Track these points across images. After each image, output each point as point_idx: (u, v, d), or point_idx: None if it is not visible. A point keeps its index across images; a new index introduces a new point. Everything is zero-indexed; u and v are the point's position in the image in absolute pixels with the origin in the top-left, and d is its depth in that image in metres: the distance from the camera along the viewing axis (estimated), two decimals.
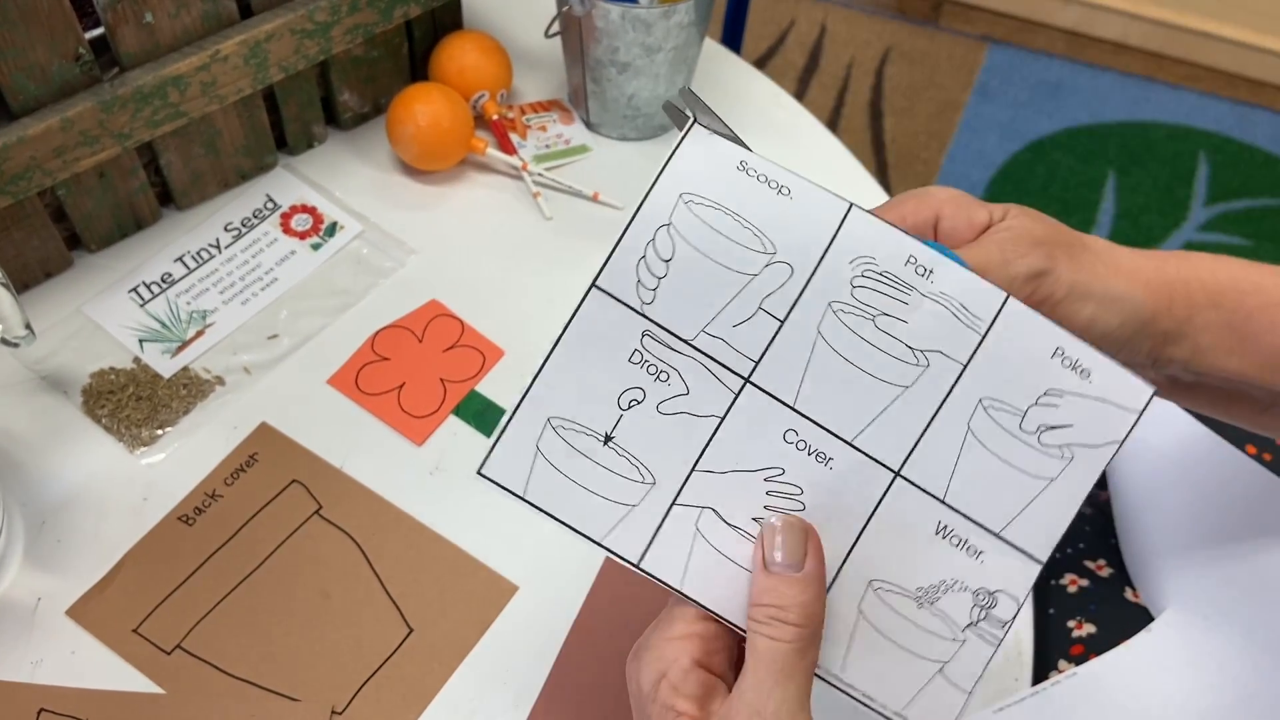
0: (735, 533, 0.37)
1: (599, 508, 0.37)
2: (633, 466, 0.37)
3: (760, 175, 0.37)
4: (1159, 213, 1.58)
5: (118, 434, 0.57)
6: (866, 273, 0.37)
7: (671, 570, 0.37)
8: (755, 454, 0.37)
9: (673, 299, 0.36)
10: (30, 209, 0.58)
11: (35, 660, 0.50)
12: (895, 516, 0.38)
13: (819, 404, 0.37)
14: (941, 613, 0.38)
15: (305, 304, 0.63)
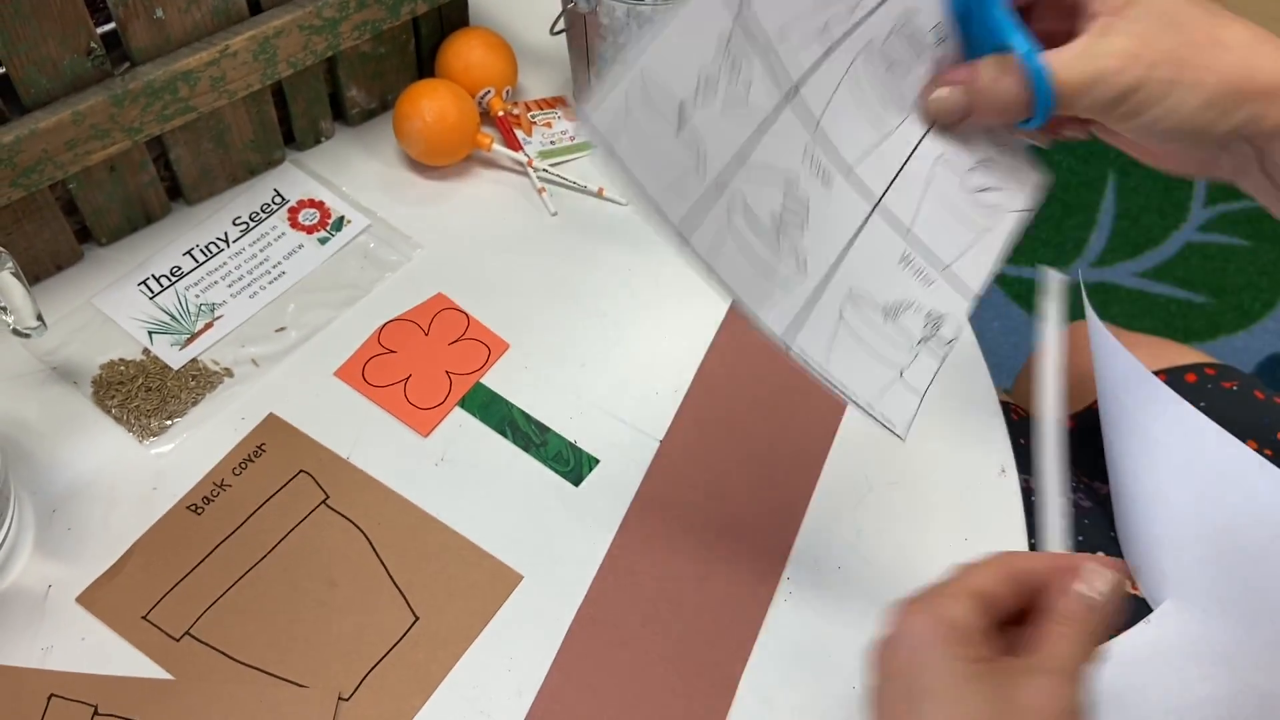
0: (757, 224, 0.40)
1: (672, 179, 0.38)
2: (696, 152, 0.38)
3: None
4: (1159, 213, 1.58)
5: (127, 424, 0.58)
6: (904, 26, 0.43)
7: (708, 247, 0.39)
8: (781, 163, 0.41)
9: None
10: (41, 202, 0.59)
11: (46, 646, 0.51)
12: (871, 241, 0.44)
13: (835, 128, 0.42)
14: (902, 327, 0.45)
15: (312, 297, 0.64)
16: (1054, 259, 1.53)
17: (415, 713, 0.50)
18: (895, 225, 0.44)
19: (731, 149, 0.39)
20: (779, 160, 0.41)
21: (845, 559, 0.56)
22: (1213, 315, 1.49)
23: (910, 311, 0.45)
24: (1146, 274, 1.52)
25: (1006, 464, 0.59)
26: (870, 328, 0.44)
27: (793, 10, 0.40)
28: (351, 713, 0.50)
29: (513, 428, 0.60)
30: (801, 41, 0.40)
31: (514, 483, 0.58)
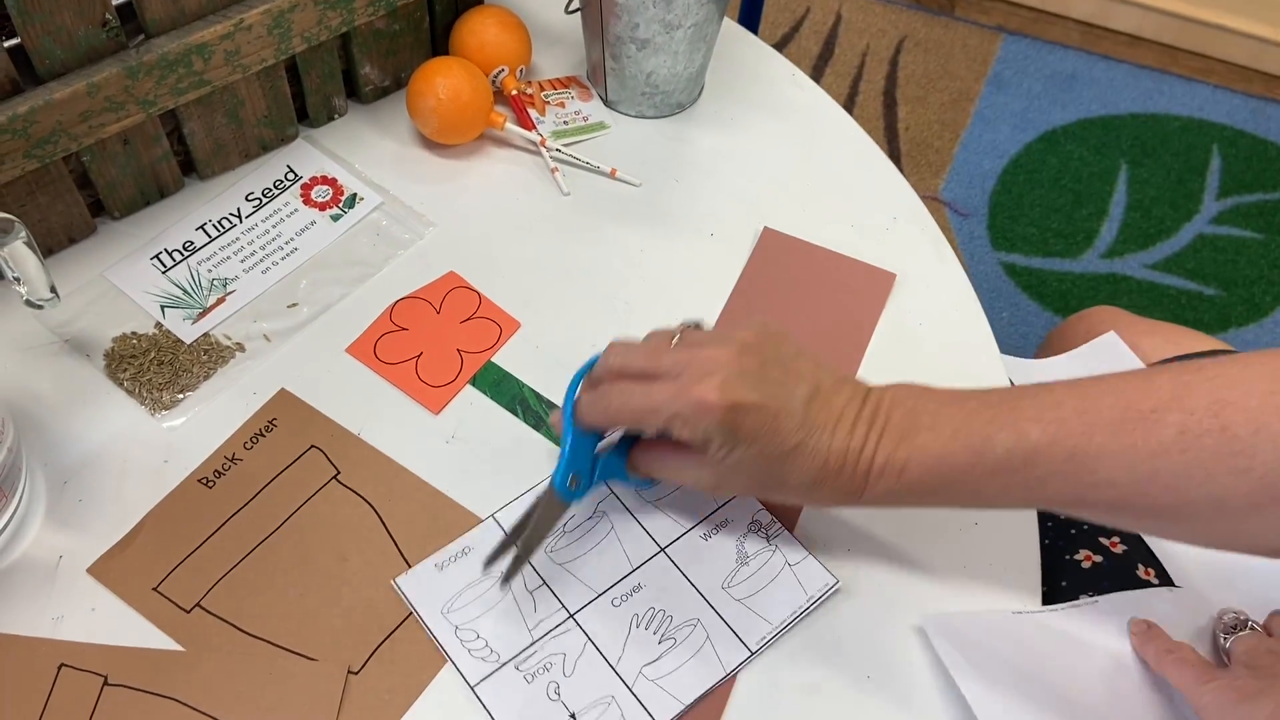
0: (664, 658, 0.51)
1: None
2: (594, 708, 0.50)
3: (449, 561, 0.54)
4: (1170, 205, 1.58)
5: (139, 397, 0.58)
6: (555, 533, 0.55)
7: (672, 707, 0.50)
8: (619, 629, 0.52)
9: (496, 639, 0.52)
10: (56, 174, 0.59)
11: (56, 616, 0.51)
12: (688, 558, 0.54)
13: (600, 578, 0.53)
14: (755, 553, 0.54)
15: (325, 274, 0.64)
16: (1064, 249, 1.52)
17: (424, 688, 0.50)
18: (681, 538, 0.55)
19: (606, 673, 0.51)
20: (620, 633, 0.52)
21: (854, 541, 0.56)
22: (1223, 308, 1.48)
23: (745, 541, 0.55)
24: (1157, 266, 1.52)
25: None
26: (751, 579, 0.54)
27: (516, 617, 0.52)
28: (361, 686, 0.50)
29: (524, 406, 0.60)
30: (537, 613, 0.52)
31: (524, 461, 0.58)
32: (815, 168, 0.72)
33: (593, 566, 0.53)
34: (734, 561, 0.54)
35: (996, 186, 1.58)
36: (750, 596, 0.53)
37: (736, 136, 0.73)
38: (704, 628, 0.52)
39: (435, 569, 0.53)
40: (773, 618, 0.52)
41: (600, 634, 0.52)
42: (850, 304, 0.65)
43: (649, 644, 0.51)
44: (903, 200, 0.70)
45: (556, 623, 0.52)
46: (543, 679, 0.50)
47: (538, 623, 0.52)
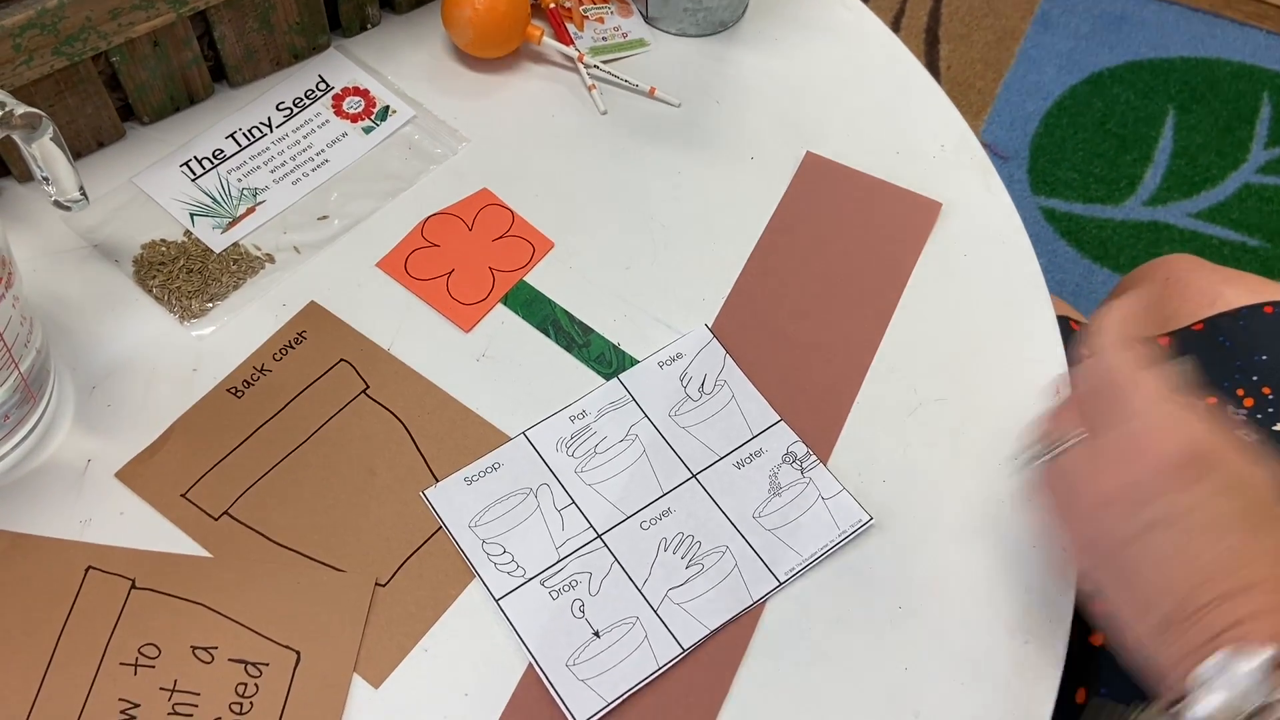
0: (691, 582, 0.51)
1: (633, 663, 0.49)
2: (618, 627, 0.49)
3: (476, 479, 0.53)
4: (1217, 153, 1.53)
5: (168, 305, 0.57)
6: (570, 443, 0.54)
7: (696, 631, 0.49)
8: (647, 550, 0.51)
9: (522, 556, 0.51)
10: (84, 74, 0.57)
11: (84, 519, 0.51)
12: (720, 486, 0.53)
13: (631, 500, 0.52)
14: (788, 484, 0.53)
15: (356, 187, 0.63)
16: (1106, 195, 1.49)
17: (451, 602, 0.50)
18: (712, 466, 0.54)
19: (631, 593, 0.50)
20: (648, 554, 0.51)
21: (890, 473, 0.55)
22: (1268, 260, 1.45)
23: (779, 472, 0.54)
24: (1201, 215, 1.48)
25: (1063, 384, 0.58)
26: (783, 510, 0.53)
27: (545, 536, 0.51)
28: (387, 598, 0.50)
29: (555, 327, 0.59)
30: (564, 531, 0.52)
31: (555, 382, 0.57)
32: (861, 92, 0.69)
33: (623, 488, 0.53)
34: (766, 491, 0.53)
35: (1039, 129, 1.54)
36: (781, 527, 0.52)
37: (780, 57, 0.70)
38: (732, 555, 0.51)
39: (464, 483, 0.52)
40: (803, 550, 0.52)
41: (627, 556, 0.51)
42: (893, 233, 0.63)
43: (676, 568, 0.51)
44: (950, 128, 0.68)
45: (584, 542, 0.51)
46: (567, 596, 0.49)
47: (565, 541, 0.51)
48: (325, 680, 0.47)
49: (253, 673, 0.47)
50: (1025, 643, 0.50)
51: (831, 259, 0.62)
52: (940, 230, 0.63)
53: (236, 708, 0.46)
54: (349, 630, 0.48)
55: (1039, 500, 0.48)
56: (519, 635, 0.49)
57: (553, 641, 0.48)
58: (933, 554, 0.52)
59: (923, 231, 0.63)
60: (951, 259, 0.62)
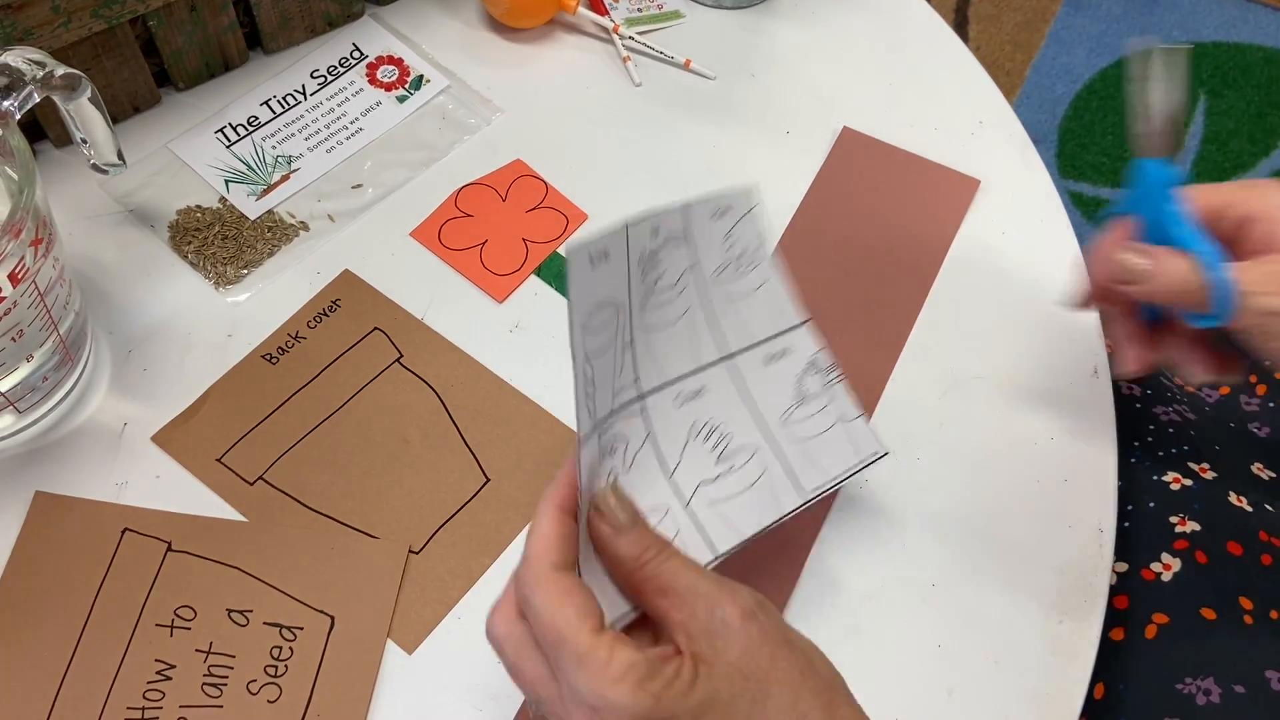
0: (722, 479, 0.46)
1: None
2: (648, 514, 0.41)
3: (598, 257, 0.40)
4: (1249, 139, 1.51)
5: (204, 270, 0.57)
6: (642, 264, 0.44)
7: (730, 536, 0.45)
8: (680, 431, 0.45)
9: (598, 395, 0.41)
10: (121, 38, 0.57)
11: (120, 482, 0.51)
12: (750, 378, 0.48)
13: (671, 366, 0.45)
14: (813, 395, 0.49)
15: (390, 156, 0.62)
16: None
17: (484, 570, 0.50)
18: (744, 351, 0.48)
19: (662, 481, 0.44)
20: (680, 437, 0.45)
21: (925, 450, 0.54)
22: None
23: (805, 380, 0.49)
24: None
25: (1100, 365, 0.57)
26: (809, 421, 0.48)
27: (611, 380, 0.42)
28: (421, 565, 0.50)
29: None
30: (622, 376, 0.43)
31: None
32: (899, 67, 0.68)
33: (666, 343, 0.46)
34: (791, 398, 0.48)
35: (1068, 112, 1.53)
36: (806, 441, 0.48)
37: (817, 31, 0.70)
38: (761, 460, 0.47)
39: (589, 262, 0.40)
40: (828, 468, 0.48)
41: (661, 431, 0.45)
42: (930, 210, 0.62)
43: (706, 462, 0.46)
44: (990, 104, 0.67)
45: (628, 399, 0.44)
46: (609, 461, 0.42)
47: (620, 389, 0.43)
48: (359, 645, 0.47)
49: (287, 636, 0.47)
50: (1060, 622, 0.50)
51: (868, 235, 0.61)
52: (978, 208, 0.63)
53: (271, 670, 0.47)
54: (383, 596, 0.49)
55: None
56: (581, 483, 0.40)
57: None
58: (967, 532, 0.52)
59: (960, 209, 0.62)
60: (989, 237, 0.62)
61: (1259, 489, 0.56)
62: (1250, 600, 0.50)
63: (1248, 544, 0.52)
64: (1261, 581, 0.51)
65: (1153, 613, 0.51)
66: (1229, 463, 0.58)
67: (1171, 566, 0.52)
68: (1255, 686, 0.48)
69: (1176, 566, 0.52)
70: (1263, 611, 0.50)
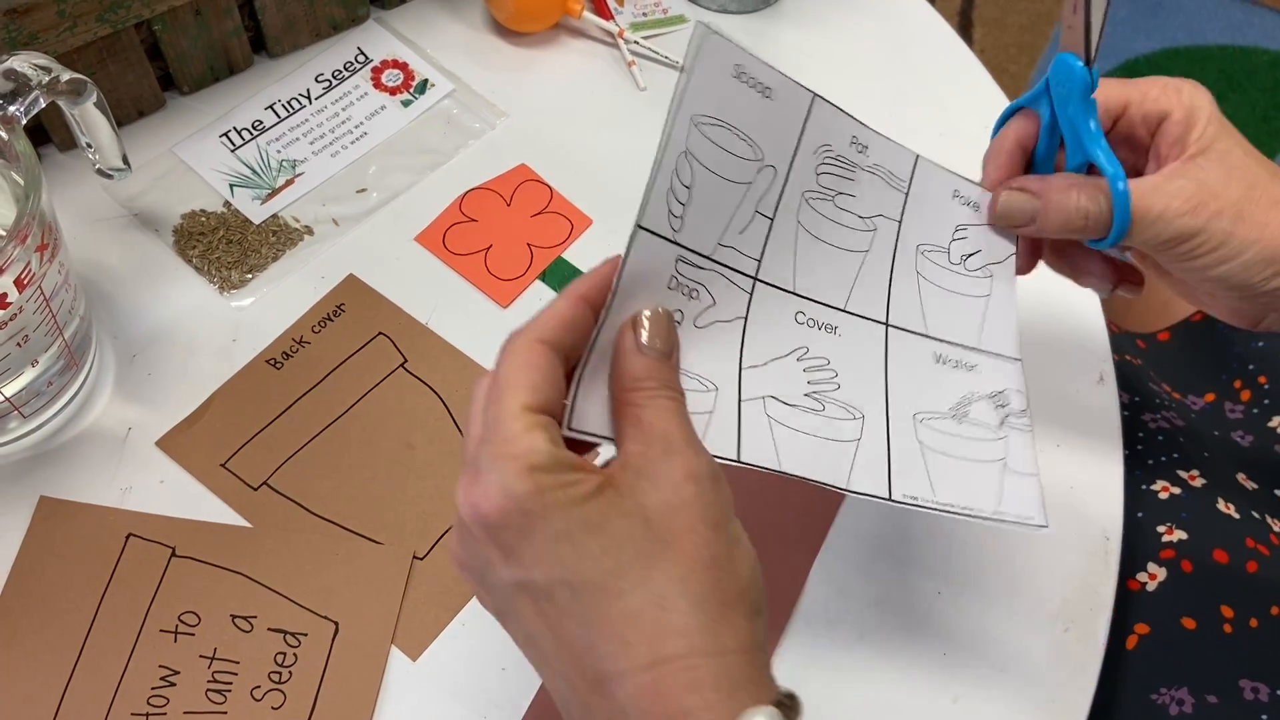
0: (798, 410, 0.40)
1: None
2: (693, 379, 0.37)
3: (749, 79, 0.37)
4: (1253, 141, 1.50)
5: (208, 275, 0.57)
6: (826, 159, 0.41)
7: (767, 456, 0.38)
8: (782, 341, 0.40)
9: (694, 221, 0.37)
10: (127, 42, 0.57)
11: (125, 487, 0.51)
12: (903, 358, 0.43)
13: (812, 284, 0.41)
14: (977, 421, 0.43)
15: (394, 160, 0.62)
16: None
17: None
18: (913, 334, 0.44)
19: (732, 361, 0.39)
20: (778, 345, 0.40)
21: None
22: None
23: (975, 403, 0.44)
24: None
25: (1106, 373, 0.57)
26: (951, 439, 0.43)
27: (722, 219, 0.38)
28: (425, 571, 0.50)
29: None
30: (742, 237, 0.39)
31: None
32: (904, 72, 0.68)
33: (819, 260, 0.41)
34: (947, 408, 0.43)
35: None
36: (935, 452, 0.43)
37: (823, 36, 0.70)
38: (859, 427, 0.41)
39: (733, 77, 0.36)
40: (940, 492, 0.42)
41: (759, 325, 0.39)
42: None
43: (794, 383, 0.40)
44: (996, 108, 0.67)
45: (740, 268, 0.39)
46: (675, 299, 0.37)
47: (730, 247, 0.38)
48: (363, 651, 0.47)
49: (291, 642, 0.47)
50: (1065, 630, 0.50)
51: None
52: None
53: (275, 676, 0.46)
54: (387, 602, 0.48)
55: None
56: (621, 275, 0.35)
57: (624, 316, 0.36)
58: (973, 539, 0.52)
59: None
60: None
61: (1245, 497, 0.56)
62: (1232, 609, 0.50)
63: (1234, 551, 0.52)
64: (1244, 589, 0.51)
65: (1135, 623, 0.51)
66: (1218, 470, 0.58)
67: (1157, 576, 0.52)
68: (1228, 696, 0.48)
69: (1162, 576, 0.52)
70: (1243, 620, 0.50)
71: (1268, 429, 0.62)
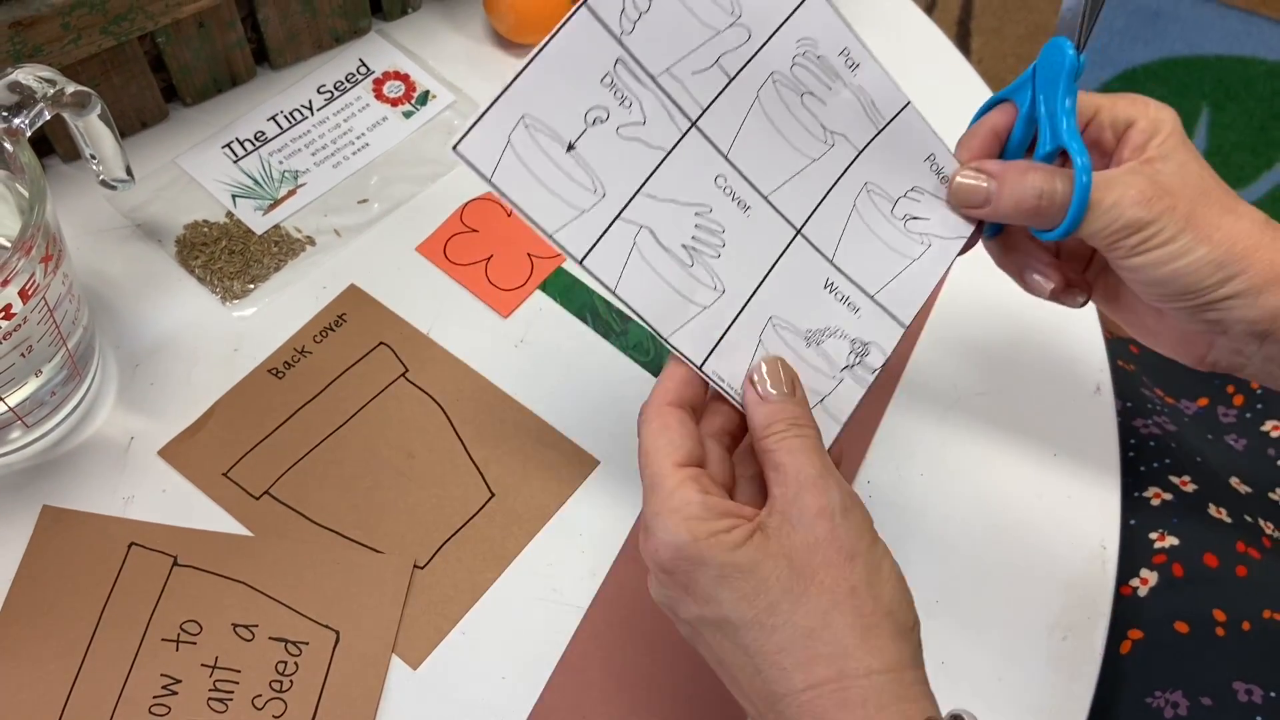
0: (666, 254, 0.41)
1: (554, 206, 0.39)
2: (587, 176, 0.39)
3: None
4: (1251, 151, 1.52)
5: (210, 285, 0.57)
6: (806, 54, 0.42)
7: (609, 274, 0.40)
8: (690, 190, 0.41)
9: (648, 34, 0.38)
10: (130, 54, 0.58)
11: (127, 496, 0.51)
12: (794, 267, 0.43)
13: (746, 158, 0.42)
14: (825, 354, 0.44)
15: (396, 171, 0.63)
16: None
17: (489, 585, 0.50)
18: (818, 252, 0.44)
19: (633, 180, 0.40)
20: (684, 192, 0.41)
21: (928, 467, 0.55)
22: None
23: (834, 338, 0.44)
24: None
25: (1103, 383, 0.57)
26: (790, 352, 0.43)
27: (677, 49, 0.39)
28: (426, 580, 0.50)
29: (593, 314, 0.59)
30: (695, 78, 0.40)
31: (593, 369, 0.57)
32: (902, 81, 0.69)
33: (758, 141, 0.42)
34: (806, 329, 0.44)
35: None
36: (765, 352, 0.43)
37: None
38: (714, 298, 0.42)
39: None
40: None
41: (677, 163, 0.40)
42: None
43: (680, 228, 0.41)
44: None
45: (680, 101, 0.40)
46: (606, 96, 0.38)
47: (674, 80, 0.39)
48: (364, 660, 0.48)
49: (293, 651, 0.48)
50: (1063, 639, 0.50)
51: None
52: None
53: (276, 685, 0.47)
54: (388, 611, 0.49)
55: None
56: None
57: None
58: (970, 548, 0.52)
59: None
60: None
61: (1238, 501, 0.57)
62: (1223, 612, 0.51)
63: (1224, 556, 0.52)
64: (1235, 593, 0.51)
65: (1128, 628, 0.51)
66: (1210, 475, 0.58)
67: (1149, 581, 0.53)
68: (1222, 698, 0.48)
69: (1153, 581, 0.52)
70: (1234, 623, 0.50)
71: (1260, 433, 0.62)
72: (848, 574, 0.37)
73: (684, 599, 0.38)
